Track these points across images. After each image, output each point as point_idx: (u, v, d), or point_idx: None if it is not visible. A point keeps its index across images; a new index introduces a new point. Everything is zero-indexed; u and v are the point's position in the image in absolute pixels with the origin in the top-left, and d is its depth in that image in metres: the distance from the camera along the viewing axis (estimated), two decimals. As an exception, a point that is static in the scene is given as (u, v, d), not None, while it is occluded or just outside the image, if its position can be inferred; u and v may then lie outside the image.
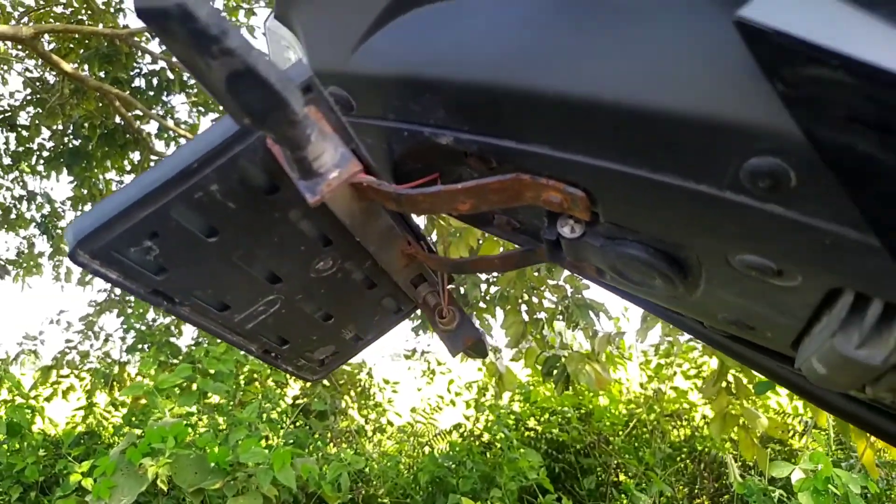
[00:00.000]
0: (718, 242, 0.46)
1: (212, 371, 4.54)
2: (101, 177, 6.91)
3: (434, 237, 4.36)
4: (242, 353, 5.15)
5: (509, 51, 0.48)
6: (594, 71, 0.42)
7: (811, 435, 5.06)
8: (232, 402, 4.81)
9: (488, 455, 5.25)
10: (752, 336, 0.63)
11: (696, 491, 5.47)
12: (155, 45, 6.11)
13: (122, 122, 6.02)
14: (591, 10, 0.43)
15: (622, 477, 5.34)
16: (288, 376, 5.80)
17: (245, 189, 0.60)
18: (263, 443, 4.14)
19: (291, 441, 4.76)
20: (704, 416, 5.66)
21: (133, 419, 5.16)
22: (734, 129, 0.36)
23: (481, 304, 4.61)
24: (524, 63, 0.47)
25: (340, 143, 0.53)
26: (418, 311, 0.94)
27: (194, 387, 4.46)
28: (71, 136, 6.19)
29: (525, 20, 0.47)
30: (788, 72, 0.30)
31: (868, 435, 3.39)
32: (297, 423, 5.43)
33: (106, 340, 6.72)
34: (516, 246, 0.79)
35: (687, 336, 4.19)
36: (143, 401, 4.59)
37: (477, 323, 4.33)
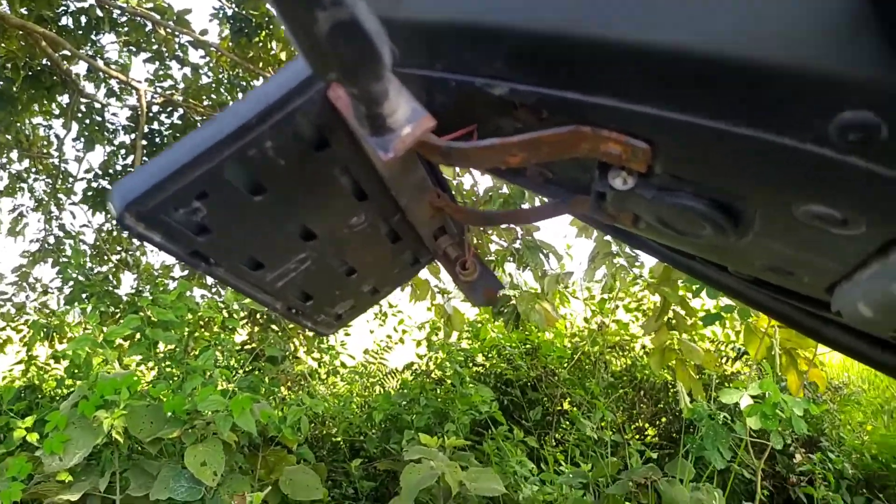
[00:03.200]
0: (786, 194, 0.46)
1: (155, 319, 4.45)
2: (27, 121, 6.49)
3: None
4: (196, 301, 5.03)
5: None
6: (680, 19, 0.41)
7: (742, 363, 5.41)
8: (183, 350, 4.76)
9: (440, 391, 5.41)
10: (785, 281, 0.63)
11: (634, 415, 5.82)
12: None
13: (49, 63, 5.61)
14: None
15: (567, 406, 5.61)
16: (237, 322, 5.78)
17: (296, 145, 0.59)
18: (218, 389, 4.14)
19: (246, 386, 4.78)
20: (644, 347, 5.96)
21: (76, 371, 5.05)
22: (832, 81, 0.36)
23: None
24: (603, 11, 0.45)
25: (411, 97, 0.51)
26: None
27: (138, 336, 4.38)
28: (-8, 78, 5.78)
29: None
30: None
31: (797, 365, 3.67)
32: (249, 369, 5.45)
33: (44, 292, 6.48)
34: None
35: (632, 275, 4.37)
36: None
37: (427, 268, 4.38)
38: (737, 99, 0.41)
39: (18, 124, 6.30)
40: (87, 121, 6.56)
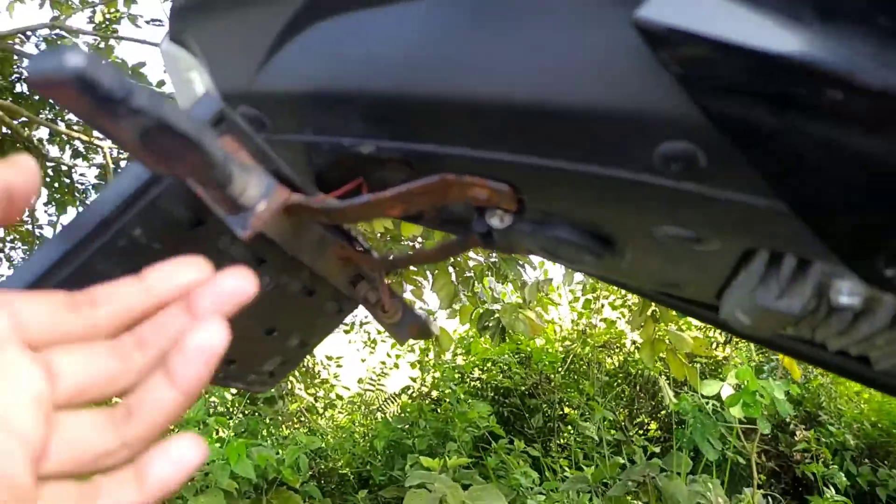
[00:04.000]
0: (640, 219, 0.49)
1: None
2: (-4, 193, 6.46)
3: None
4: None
5: (418, 57, 0.48)
6: (504, 73, 0.43)
7: (733, 346, 5.44)
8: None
9: (439, 411, 5.41)
10: (678, 292, 0.67)
11: (634, 411, 5.83)
12: (31, 48, 5.69)
13: (10, 132, 5.63)
14: (495, 14, 0.43)
15: (567, 410, 5.63)
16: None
17: (169, 228, 0.58)
18: (215, 437, 4.13)
19: (243, 431, 4.76)
20: (634, 342, 5.97)
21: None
22: (643, 118, 0.38)
23: (412, 268, 4.68)
24: (433, 69, 0.47)
25: (263, 172, 0.52)
26: None
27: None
28: (-47, 155, 5.72)
29: (429, 26, 0.47)
30: (676, 58, 0.33)
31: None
32: (246, 413, 5.43)
33: (31, 361, 6.43)
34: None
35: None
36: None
37: (410, 289, 4.40)
38: (567, 141, 0.43)
39: (-13, 197, 6.25)
40: (56, 184, 6.52)
